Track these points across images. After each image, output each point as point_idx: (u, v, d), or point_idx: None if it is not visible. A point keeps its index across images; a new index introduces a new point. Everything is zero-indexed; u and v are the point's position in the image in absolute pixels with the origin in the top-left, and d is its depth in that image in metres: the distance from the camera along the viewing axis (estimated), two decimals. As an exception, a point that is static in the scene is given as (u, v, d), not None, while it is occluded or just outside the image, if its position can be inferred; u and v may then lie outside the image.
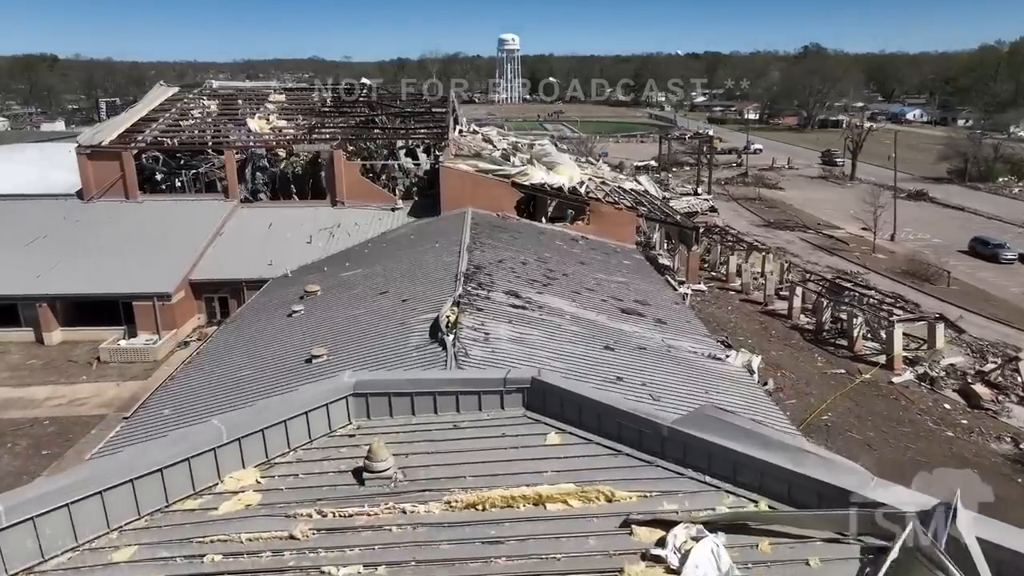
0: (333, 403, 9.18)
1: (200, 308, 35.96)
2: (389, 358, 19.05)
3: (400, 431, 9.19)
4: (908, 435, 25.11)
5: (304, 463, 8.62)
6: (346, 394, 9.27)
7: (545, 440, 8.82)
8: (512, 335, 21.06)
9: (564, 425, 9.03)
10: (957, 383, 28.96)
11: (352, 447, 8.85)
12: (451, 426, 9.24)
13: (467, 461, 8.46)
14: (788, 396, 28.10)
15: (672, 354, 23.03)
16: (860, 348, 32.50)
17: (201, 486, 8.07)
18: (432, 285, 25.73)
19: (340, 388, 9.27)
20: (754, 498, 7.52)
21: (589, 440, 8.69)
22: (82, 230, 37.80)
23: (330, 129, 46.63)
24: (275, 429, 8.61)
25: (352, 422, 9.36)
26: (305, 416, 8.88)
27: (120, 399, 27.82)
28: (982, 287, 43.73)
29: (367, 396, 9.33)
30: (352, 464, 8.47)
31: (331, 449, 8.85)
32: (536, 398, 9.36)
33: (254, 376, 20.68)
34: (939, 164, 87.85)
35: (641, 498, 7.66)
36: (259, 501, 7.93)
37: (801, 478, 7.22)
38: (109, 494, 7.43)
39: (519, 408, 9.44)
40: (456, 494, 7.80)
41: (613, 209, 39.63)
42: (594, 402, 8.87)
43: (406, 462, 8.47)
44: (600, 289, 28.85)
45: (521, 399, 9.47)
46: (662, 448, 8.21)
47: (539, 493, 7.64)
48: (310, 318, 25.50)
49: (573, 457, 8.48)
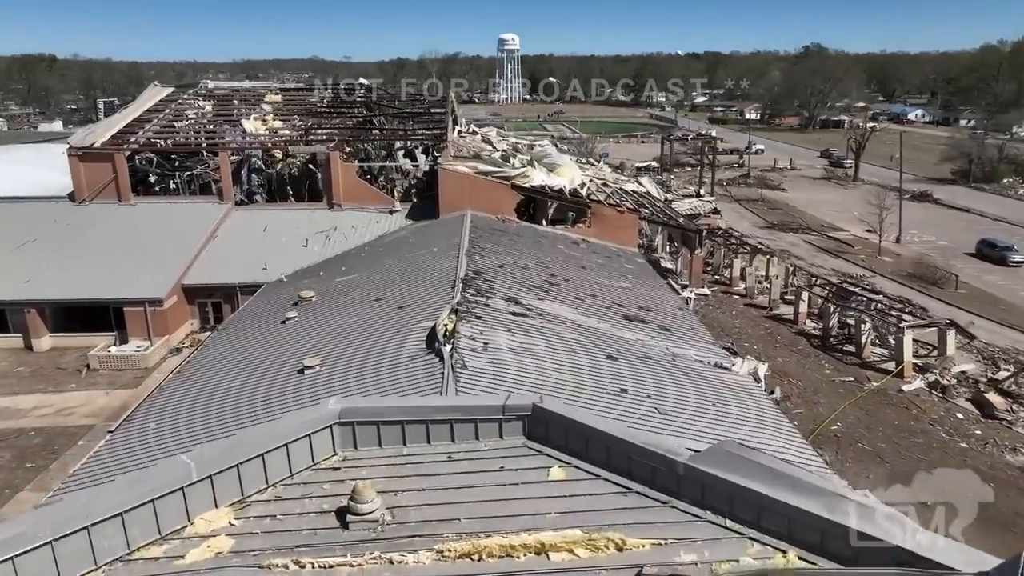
0: (317, 433, 8.42)
1: (193, 313, 35.16)
2: (383, 370, 18.30)
3: (389, 463, 8.43)
4: (920, 446, 24.33)
5: (283, 501, 7.85)
6: (331, 423, 8.52)
7: (548, 475, 8.06)
8: (512, 344, 20.30)
9: (569, 458, 8.27)
10: (969, 391, 28.19)
11: (336, 482, 8.09)
12: (445, 458, 8.48)
13: (462, 500, 7.70)
14: (796, 405, 27.33)
15: (677, 363, 22.26)
16: (868, 355, 31.72)
17: (167, 530, 7.31)
18: (430, 291, 24.98)
19: (324, 416, 8.51)
20: (782, 547, 6.75)
21: (597, 476, 7.93)
22: (73, 233, 37.01)
23: (327, 130, 45.86)
24: (252, 464, 7.85)
25: (338, 453, 8.60)
26: (285, 448, 8.13)
27: (109, 408, 27.04)
28: (990, 291, 42.95)
29: (354, 425, 8.58)
30: (336, 503, 7.71)
31: (313, 485, 8.09)
32: (538, 427, 8.60)
33: (244, 388, 19.91)
34: (942, 165, 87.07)
35: (655, 546, 6.88)
36: (231, 548, 7.17)
37: (837, 527, 6.44)
38: (61, 544, 6.66)
39: (519, 437, 8.69)
40: (449, 541, 7.02)
41: (615, 212, 38.86)
42: (602, 433, 8.10)
43: (395, 500, 7.70)
44: (602, 295, 28.07)
45: (522, 427, 8.72)
46: (678, 487, 7.44)
47: (541, 542, 6.86)
48: (304, 325, 24.73)
49: (579, 496, 7.72)
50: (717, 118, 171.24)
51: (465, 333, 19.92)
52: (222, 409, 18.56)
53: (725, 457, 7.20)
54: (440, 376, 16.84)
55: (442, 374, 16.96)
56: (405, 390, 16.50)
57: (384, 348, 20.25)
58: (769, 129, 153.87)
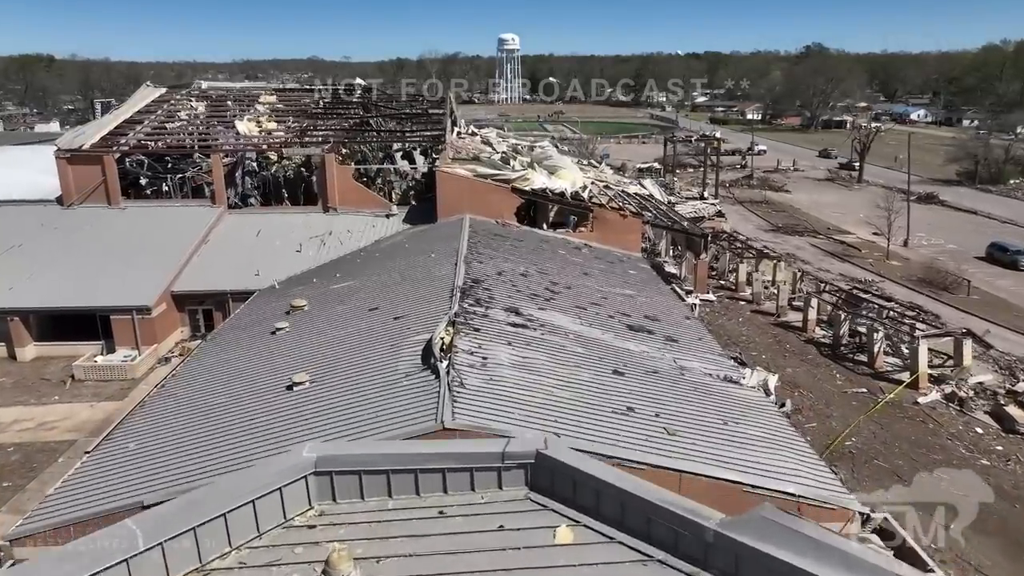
0: (289, 485, 7.35)
1: (183, 321, 34.07)
2: (375, 389, 17.30)
3: (372, 519, 7.36)
4: (939, 463, 23.25)
5: (248, 569, 6.78)
6: (306, 473, 7.46)
7: (554, 537, 6.99)
8: (512, 359, 19.30)
9: (578, 514, 7.22)
10: (988, 404, 27.11)
11: (310, 545, 7.03)
12: (436, 512, 7.42)
13: (455, 571, 6.62)
14: (808, 419, 26.26)
15: (686, 377, 21.23)
16: (881, 364, 30.63)
17: (109, 608, 6.24)
18: (426, 300, 23.99)
19: (298, 466, 7.45)
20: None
21: (611, 539, 6.86)
22: (60, 238, 35.95)
23: (322, 131, 44.81)
24: (211, 525, 6.79)
25: (314, 506, 7.55)
26: (252, 505, 7.06)
27: (92, 422, 25.97)
28: (1002, 296, 41.84)
29: (332, 475, 7.52)
30: (308, 572, 6.64)
31: (284, 549, 7.03)
32: (543, 477, 7.55)
33: (229, 405, 18.89)
34: (947, 166, 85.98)
35: (682, 632, 5.84)
36: (183, 630, 6.12)
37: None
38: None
39: (521, 488, 7.64)
40: (439, 626, 5.98)
41: (618, 215, 37.80)
42: (616, 488, 7.05)
43: (376, 569, 6.63)
44: (606, 304, 27.02)
45: (524, 477, 7.67)
46: (705, 557, 6.38)
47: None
48: (294, 337, 23.69)
49: (591, 565, 6.65)
50: (718, 118, 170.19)
51: (463, 347, 18.95)
52: (205, 430, 17.55)
53: (762, 525, 6.14)
54: (436, 395, 15.87)
55: (438, 393, 15.98)
56: (398, 411, 15.50)
57: (377, 363, 19.25)
58: (771, 129, 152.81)
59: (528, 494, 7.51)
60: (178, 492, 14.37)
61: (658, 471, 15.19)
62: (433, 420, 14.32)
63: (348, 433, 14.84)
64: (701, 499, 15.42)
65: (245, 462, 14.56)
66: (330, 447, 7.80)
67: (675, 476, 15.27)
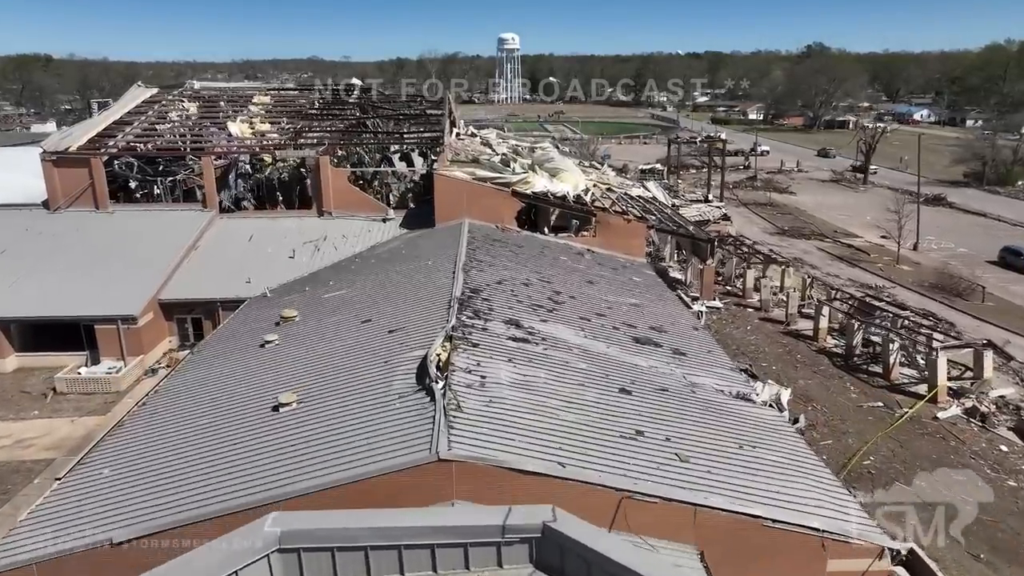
0: (247, 567, 6.12)
1: (171, 330, 32.81)
2: (366, 412, 16.12)
3: (348, 607, 6.13)
4: (965, 486, 22.01)
5: None
6: (268, 551, 6.22)
7: (566, 635, 5.77)
8: (513, 378, 18.09)
9: (594, 603, 5.98)
10: (1011, 419, 25.89)
11: (271, 644, 5.80)
12: (424, 598, 6.20)
13: None
14: (823, 435, 25.04)
15: (696, 395, 20.02)
16: (896, 376, 29.41)
17: None
18: (422, 312, 22.80)
19: (259, 543, 6.21)
20: None
21: (634, 642, 5.64)
22: (44, 244, 34.72)
23: (317, 133, 43.61)
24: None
25: (278, 589, 6.30)
26: (200, 595, 5.83)
27: (72, 439, 24.75)
28: (1018, 303, 40.59)
29: (299, 552, 6.28)
30: None
31: (237, 649, 5.80)
32: (550, 554, 6.33)
33: (210, 428, 17.68)
34: (953, 167, 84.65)
35: None
36: None
37: None
38: None
39: (525, 566, 6.42)
40: None
41: (621, 219, 36.59)
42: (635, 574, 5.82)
43: None
44: (611, 314, 25.80)
45: (528, 553, 6.44)
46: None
47: None
48: (284, 351, 22.48)
49: (611, 677, 5.43)
50: (720, 118, 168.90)
51: (460, 364, 17.78)
52: (183, 458, 16.33)
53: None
54: (431, 420, 14.71)
55: (433, 417, 14.82)
56: (389, 439, 14.33)
57: (369, 382, 18.06)
58: (773, 129, 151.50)
59: (533, 573, 6.27)
60: (149, 529, 13.30)
61: (671, 504, 14.04)
62: (427, 451, 13.17)
63: (335, 464, 13.69)
64: (718, 534, 14.36)
65: (220, 499, 13.41)
66: (298, 518, 6.57)
67: (689, 510, 14.11)
